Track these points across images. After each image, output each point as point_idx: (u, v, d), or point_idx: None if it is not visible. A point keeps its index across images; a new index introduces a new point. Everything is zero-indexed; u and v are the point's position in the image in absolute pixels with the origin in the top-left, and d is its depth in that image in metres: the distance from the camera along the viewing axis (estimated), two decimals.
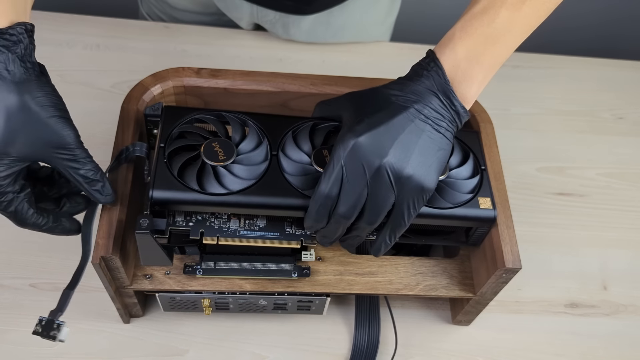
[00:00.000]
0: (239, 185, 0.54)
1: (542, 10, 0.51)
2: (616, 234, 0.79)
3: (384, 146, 0.49)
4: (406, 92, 0.51)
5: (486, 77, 0.52)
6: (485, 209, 0.57)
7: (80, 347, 0.64)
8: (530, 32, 0.52)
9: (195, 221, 0.56)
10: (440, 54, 0.51)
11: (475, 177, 0.59)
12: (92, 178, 0.51)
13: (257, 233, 0.57)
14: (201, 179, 0.54)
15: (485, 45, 0.50)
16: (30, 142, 0.48)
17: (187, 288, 0.59)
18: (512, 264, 0.56)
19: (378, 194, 0.50)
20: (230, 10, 0.87)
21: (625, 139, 0.88)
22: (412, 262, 0.63)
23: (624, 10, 1.49)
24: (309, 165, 0.56)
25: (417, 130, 0.50)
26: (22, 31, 0.48)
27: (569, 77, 0.94)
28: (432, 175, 0.50)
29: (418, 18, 1.35)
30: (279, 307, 0.64)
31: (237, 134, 0.57)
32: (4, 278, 0.67)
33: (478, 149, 0.61)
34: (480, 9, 0.50)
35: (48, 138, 0.49)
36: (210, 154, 0.55)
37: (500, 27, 0.50)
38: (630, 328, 0.72)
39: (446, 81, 0.50)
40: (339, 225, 0.52)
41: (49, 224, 0.53)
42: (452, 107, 0.51)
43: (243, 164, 0.56)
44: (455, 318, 0.68)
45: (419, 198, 0.51)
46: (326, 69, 0.88)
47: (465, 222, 0.58)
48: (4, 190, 0.48)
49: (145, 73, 0.64)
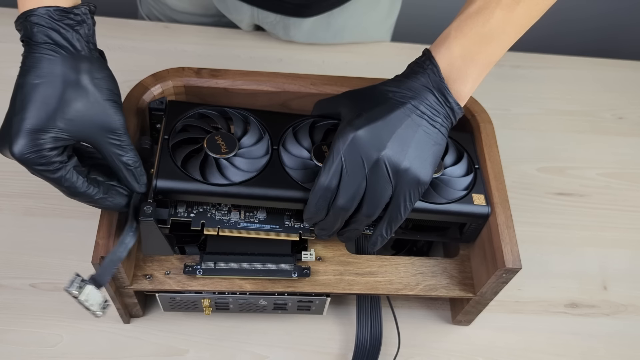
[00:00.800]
0: (241, 177, 0.55)
1: (535, 11, 0.53)
2: (616, 234, 0.79)
3: (382, 139, 0.50)
4: (403, 89, 0.52)
5: (480, 75, 0.53)
6: (479, 205, 0.59)
7: (80, 347, 0.64)
8: (524, 32, 0.53)
9: (196, 212, 0.57)
10: (436, 52, 0.52)
11: (469, 175, 0.60)
12: (132, 166, 0.52)
13: (257, 225, 0.58)
14: (204, 170, 0.55)
15: (480, 44, 0.52)
16: (81, 120, 0.49)
17: (187, 288, 0.59)
18: (512, 264, 0.56)
19: (376, 186, 0.51)
20: (230, 12, 0.87)
21: (625, 139, 0.88)
22: (412, 262, 0.63)
23: (624, 11, 1.49)
24: (309, 160, 0.57)
25: (413, 125, 0.51)
26: (87, 11, 0.50)
27: (569, 77, 0.94)
28: (427, 169, 0.52)
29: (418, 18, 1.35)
30: (279, 307, 0.64)
31: (239, 128, 0.58)
32: (4, 278, 0.67)
33: (472, 149, 0.62)
34: (476, 9, 0.52)
35: (99, 120, 0.50)
36: (213, 146, 0.56)
37: (494, 27, 0.51)
38: (630, 328, 0.72)
39: (441, 79, 0.52)
40: (337, 217, 0.53)
41: (100, 194, 0.52)
42: (446, 104, 0.52)
43: (245, 157, 0.57)
44: (455, 318, 0.68)
45: (415, 191, 0.52)
46: (326, 69, 0.88)
47: (459, 217, 0.59)
48: (50, 160, 0.48)
49: (145, 73, 0.64)
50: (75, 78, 0.49)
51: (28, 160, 0.48)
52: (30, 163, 0.48)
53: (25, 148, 0.47)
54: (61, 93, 0.48)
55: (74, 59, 0.49)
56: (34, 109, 0.47)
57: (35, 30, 0.48)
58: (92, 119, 0.49)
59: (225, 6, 0.86)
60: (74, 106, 0.48)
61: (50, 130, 0.48)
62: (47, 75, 0.48)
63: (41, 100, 0.48)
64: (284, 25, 0.86)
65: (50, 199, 0.72)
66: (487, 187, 0.60)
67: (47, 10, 0.48)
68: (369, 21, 0.90)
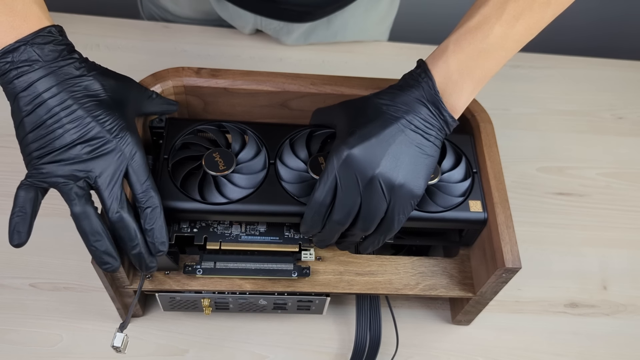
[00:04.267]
0: (239, 194, 0.57)
1: (535, 28, 0.53)
2: (616, 234, 0.79)
3: (376, 157, 0.51)
4: (397, 102, 0.52)
5: (476, 89, 0.53)
6: (475, 212, 0.59)
7: (80, 347, 0.64)
8: (522, 47, 0.53)
9: (199, 227, 0.59)
10: (432, 65, 0.52)
11: (466, 180, 0.60)
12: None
13: (258, 237, 0.60)
14: (202, 188, 0.57)
15: (477, 59, 0.52)
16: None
17: (187, 288, 0.59)
18: (512, 263, 0.56)
19: (371, 202, 0.51)
20: (233, 19, 0.87)
21: (625, 139, 0.88)
22: (412, 262, 0.63)
23: (624, 11, 1.50)
24: (305, 172, 0.58)
25: (407, 141, 0.51)
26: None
27: (569, 77, 0.94)
28: (420, 182, 0.52)
29: (417, 18, 1.35)
30: (279, 307, 0.64)
31: (237, 143, 0.59)
32: (4, 278, 0.67)
33: (470, 152, 0.63)
34: (475, 24, 0.51)
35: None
36: (211, 164, 0.57)
37: (493, 43, 0.51)
38: (630, 328, 0.72)
39: (436, 92, 0.52)
40: (333, 231, 0.54)
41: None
42: (440, 117, 0.52)
43: (242, 172, 0.58)
44: (455, 318, 0.68)
45: (409, 204, 0.53)
46: (326, 69, 0.88)
47: (455, 224, 0.60)
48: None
49: (145, 73, 0.64)
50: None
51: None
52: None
53: None
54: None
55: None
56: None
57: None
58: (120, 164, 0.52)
59: (227, 14, 0.86)
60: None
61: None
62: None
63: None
64: (287, 31, 0.87)
65: (50, 199, 0.71)
66: (487, 187, 0.60)
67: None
68: (368, 20, 0.90)
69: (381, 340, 0.66)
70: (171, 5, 0.90)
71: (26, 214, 0.48)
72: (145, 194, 0.51)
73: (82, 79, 0.49)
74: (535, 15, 0.51)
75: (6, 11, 0.47)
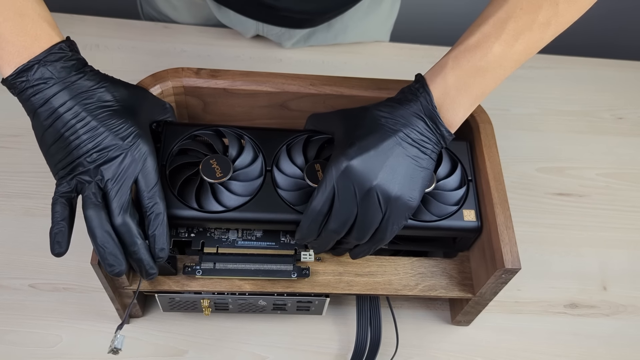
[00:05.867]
0: (235, 202, 0.57)
1: (534, 48, 0.53)
2: (616, 234, 0.79)
3: (374, 170, 0.51)
4: (395, 116, 0.53)
5: (473, 105, 0.54)
6: (468, 221, 0.60)
7: (79, 347, 0.64)
8: (520, 65, 0.54)
9: (196, 232, 0.59)
10: (431, 81, 0.53)
11: (461, 188, 0.61)
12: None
13: (254, 243, 0.60)
14: (199, 196, 0.57)
15: (475, 76, 0.52)
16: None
17: (187, 288, 0.59)
18: (511, 264, 0.56)
19: (367, 213, 0.52)
20: (234, 25, 0.87)
21: (625, 139, 0.88)
22: (412, 263, 0.63)
23: (624, 11, 1.49)
24: (302, 179, 0.59)
25: (404, 154, 0.52)
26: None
27: (569, 77, 0.94)
28: (416, 195, 0.53)
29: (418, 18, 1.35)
30: (279, 307, 0.64)
31: (234, 149, 0.59)
32: (3, 278, 0.67)
33: (466, 160, 0.63)
34: (475, 43, 0.52)
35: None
36: (208, 171, 0.57)
37: (492, 61, 0.52)
38: (630, 328, 0.72)
39: (433, 107, 0.52)
40: (329, 239, 0.55)
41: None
42: (437, 131, 0.53)
43: (239, 179, 0.58)
44: (455, 318, 0.68)
45: (403, 217, 0.54)
46: (326, 69, 0.88)
47: (449, 232, 0.60)
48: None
49: (145, 73, 0.64)
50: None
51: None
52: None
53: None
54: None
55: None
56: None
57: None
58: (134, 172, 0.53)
59: (228, 20, 0.86)
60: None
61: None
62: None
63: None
64: (289, 36, 0.87)
65: (50, 199, 0.72)
66: (486, 188, 0.60)
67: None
68: (370, 22, 0.90)
69: (382, 340, 0.66)
70: (171, 12, 0.90)
71: (65, 227, 0.52)
72: (152, 200, 0.52)
73: (94, 91, 0.51)
74: (535, 36, 0.52)
75: (18, 32, 0.49)
